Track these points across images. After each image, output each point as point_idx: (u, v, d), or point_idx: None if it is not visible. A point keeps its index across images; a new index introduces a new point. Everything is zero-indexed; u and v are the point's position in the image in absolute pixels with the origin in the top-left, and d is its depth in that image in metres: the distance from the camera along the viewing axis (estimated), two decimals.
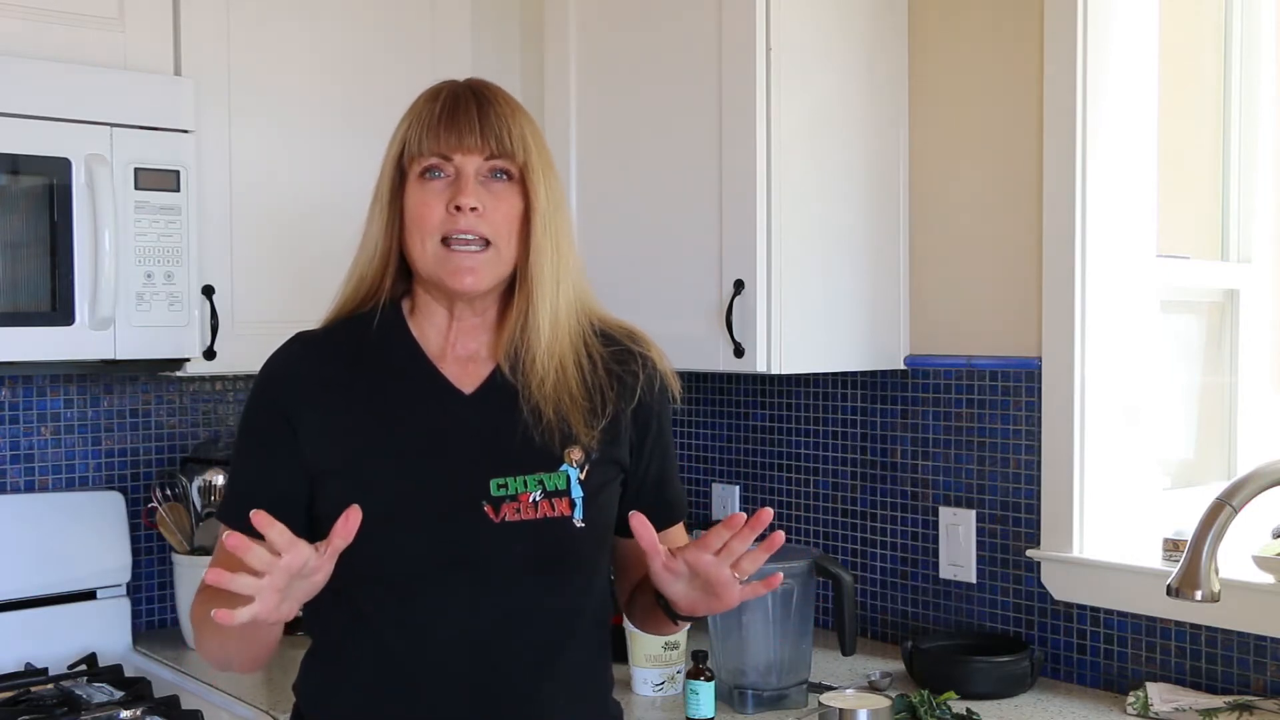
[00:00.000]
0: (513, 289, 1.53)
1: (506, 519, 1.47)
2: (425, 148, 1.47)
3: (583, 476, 1.50)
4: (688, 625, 1.54)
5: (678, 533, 1.66)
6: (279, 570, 1.26)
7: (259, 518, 1.25)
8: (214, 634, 1.46)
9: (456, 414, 1.51)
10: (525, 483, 1.48)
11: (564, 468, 1.50)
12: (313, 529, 1.52)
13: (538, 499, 1.48)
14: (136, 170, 2.20)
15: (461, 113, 1.47)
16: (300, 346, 1.56)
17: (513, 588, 1.48)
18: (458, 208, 1.45)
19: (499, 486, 1.47)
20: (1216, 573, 1.60)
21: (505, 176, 1.49)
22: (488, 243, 1.47)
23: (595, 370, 1.54)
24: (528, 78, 2.73)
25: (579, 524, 1.49)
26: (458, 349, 1.54)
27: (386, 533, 1.41)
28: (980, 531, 2.42)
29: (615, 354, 1.57)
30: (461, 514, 1.45)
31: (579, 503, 1.49)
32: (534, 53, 2.72)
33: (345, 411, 1.49)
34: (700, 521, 2.81)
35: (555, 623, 1.51)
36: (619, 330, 1.61)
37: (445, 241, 1.46)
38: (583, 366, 1.53)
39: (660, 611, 1.51)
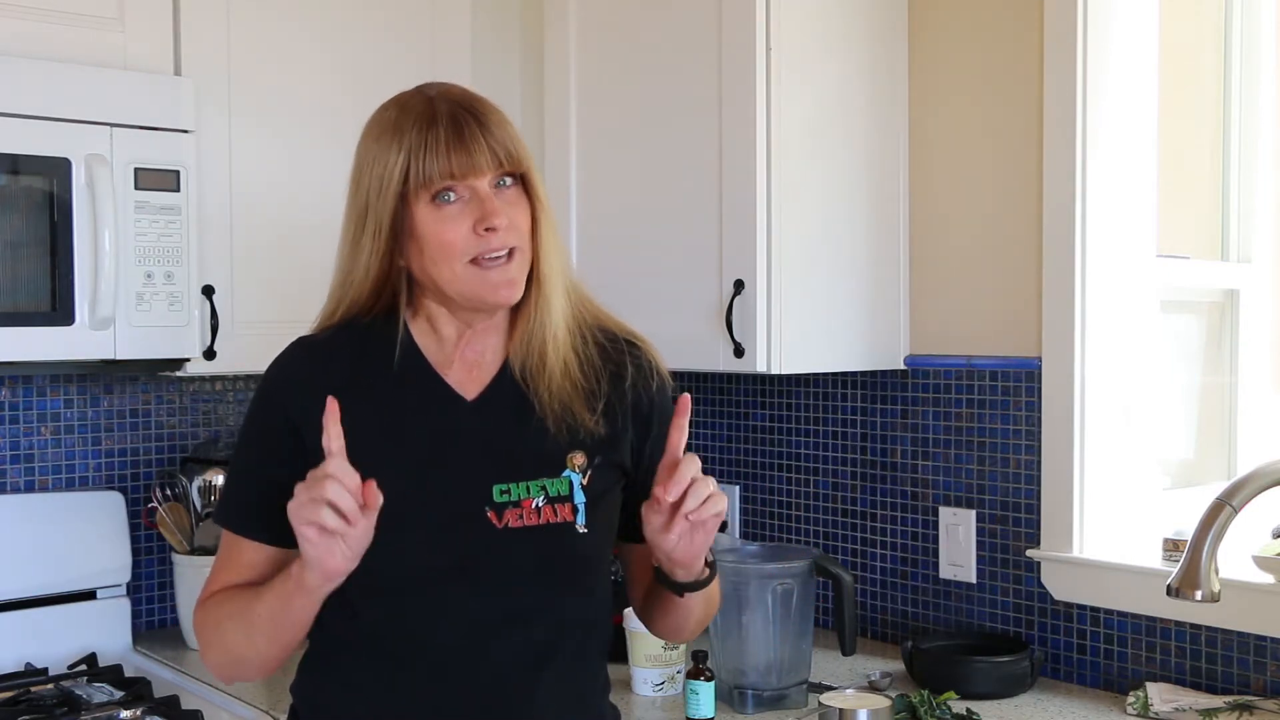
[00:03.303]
0: None
1: (509, 525, 1.47)
2: (436, 173, 1.44)
3: (585, 482, 1.50)
4: (695, 594, 1.52)
5: None
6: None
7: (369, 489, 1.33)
8: (238, 626, 1.46)
9: (459, 420, 1.51)
10: (528, 488, 1.48)
11: (566, 473, 1.49)
12: None
13: (540, 505, 1.48)
14: (136, 170, 2.20)
15: (468, 134, 1.45)
16: (303, 352, 1.56)
17: (514, 592, 1.48)
18: (488, 229, 1.44)
19: (502, 493, 1.47)
20: (1216, 573, 1.60)
21: (510, 181, 1.49)
22: (511, 251, 1.47)
23: (589, 352, 1.55)
24: (528, 78, 2.73)
25: (582, 529, 1.49)
26: (466, 354, 1.54)
27: (389, 539, 1.41)
28: (980, 531, 2.42)
29: (610, 343, 1.58)
30: (464, 520, 1.45)
31: (582, 508, 1.49)
32: (534, 53, 2.72)
33: (348, 418, 1.49)
34: None
35: (555, 626, 1.51)
36: (617, 329, 1.61)
37: (473, 261, 1.46)
38: (579, 353, 1.54)
39: (665, 591, 1.51)
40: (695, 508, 1.38)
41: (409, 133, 1.46)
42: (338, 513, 1.31)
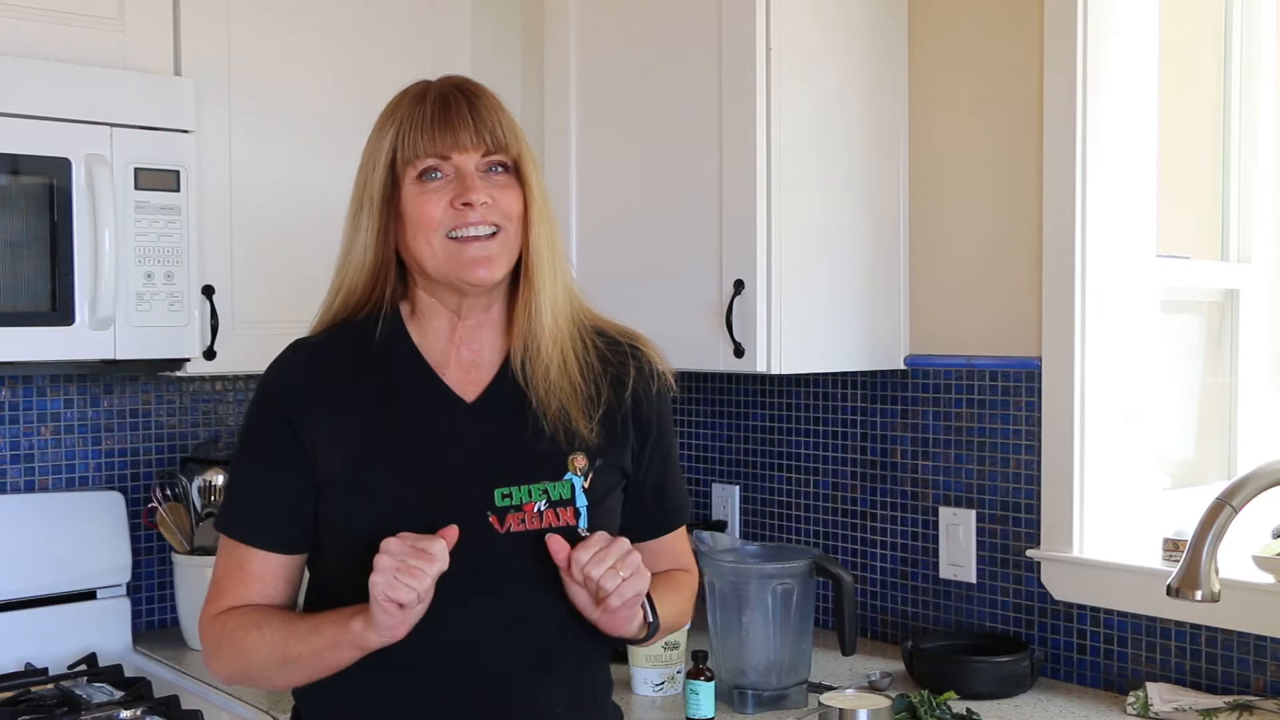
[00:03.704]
0: (514, 285, 1.53)
1: (512, 529, 1.47)
2: (421, 149, 1.46)
3: (587, 485, 1.50)
4: (642, 644, 1.55)
5: (677, 539, 1.65)
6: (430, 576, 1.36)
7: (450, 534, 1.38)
8: (270, 659, 1.46)
9: (458, 424, 1.50)
10: (530, 492, 1.48)
11: (568, 476, 1.49)
12: (316, 540, 1.51)
13: (542, 509, 1.48)
14: (136, 170, 2.20)
15: (454, 112, 1.47)
16: (301, 354, 1.55)
17: (517, 596, 1.48)
18: (466, 204, 1.45)
19: (504, 497, 1.47)
20: (1216, 573, 1.60)
21: (502, 169, 1.49)
22: (495, 230, 1.47)
23: (589, 357, 1.55)
24: (528, 79, 2.74)
25: (584, 533, 1.48)
26: (462, 353, 1.53)
27: None
28: (980, 531, 2.42)
29: (611, 348, 1.58)
30: (466, 524, 1.44)
31: (583, 511, 1.49)
32: (534, 54, 2.72)
33: (348, 421, 1.49)
34: (700, 523, 2.82)
35: (556, 629, 1.51)
36: (617, 330, 1.61)
37: (452, 237, 1.46)
38: (578, 354, 1.54)
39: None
40: (604, 584, 1.40)
41: (402, 111, 1.49)
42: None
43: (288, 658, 1.45)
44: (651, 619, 1.51)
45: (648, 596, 1.49)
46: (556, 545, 1.42)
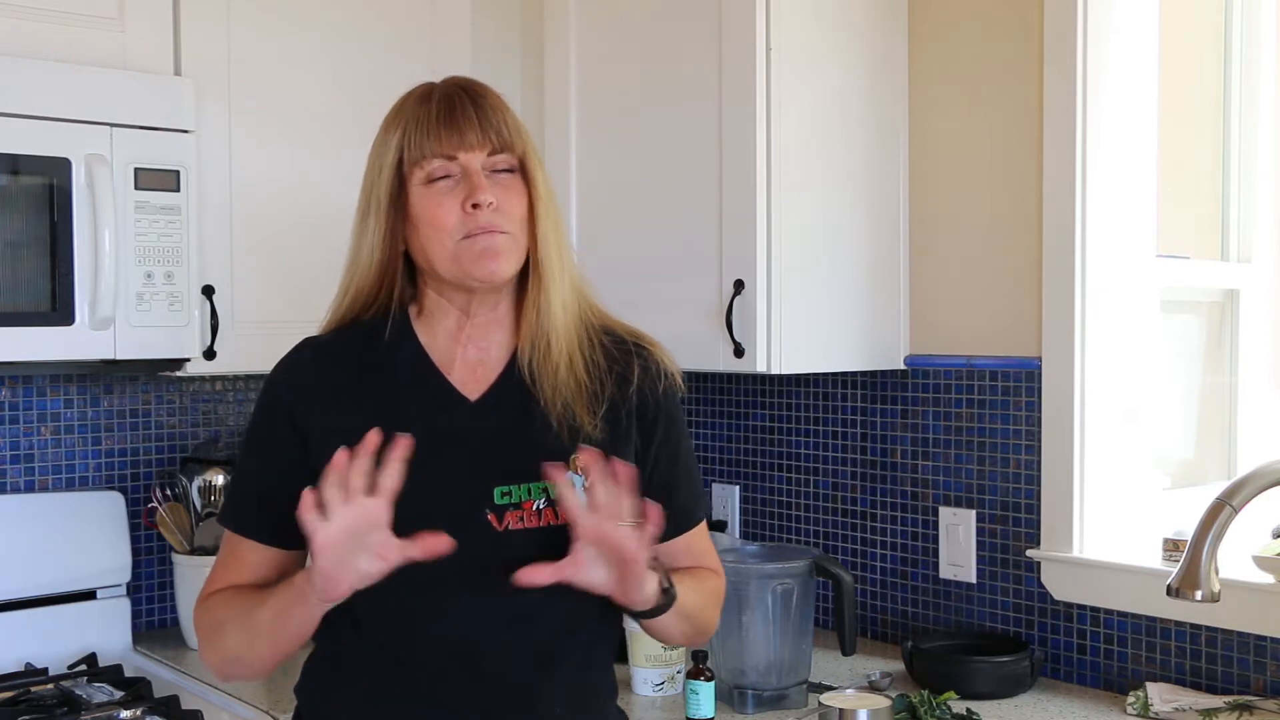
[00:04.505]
0: (522, 283, 1.53)
1: (510, 527, 1.46)
2: (428, 150, 1.46)
3: (589, 484, 1.49)
4: (664, 617, 1.52)
5: (695, 539, 1.63)
6: (356, 506, 1.32)
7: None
8: (239, 630, 1.47)
9: (461, 421, 1.51)
10: (529, 490, 1.47)
11: (569, 475, 1.49)
12: None
13: (542, 507, 1.48)
14: (136, 170, 2.20)
15: (459, 111, 1.48)
16: (308, 353, 1.56)
17: (515, 595, 1.47)
18: (474, 205, 1.45)
19: (503, 494, 1.47)
20: (1216, 573, 1.60)
21: (508, 170, 1.50)
22: (502, 233, 1.48)
23: (595, 355, 1.55)
24: (528, 79, 2.74)
25: None
26: (469, 351, 1.53)
27: None
28: (980, 531, 2.42)
29: (617, 346, 1.57)
30: (465, 522, 1.44)
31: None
32: (534, 54, 2.72)
33: (351, 419, 1.49)
34: None
35: (556, 630, 1.50)
36: (624, 330, 1.61)
37: (465, 239, 1.47)
38: (584, 352, 1.54)
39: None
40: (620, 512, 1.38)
41: (407, 112, 1.50)
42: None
43: (253, 628, 1.46)
44: (667, 584, 1.48)
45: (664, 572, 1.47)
46: (539, 574, 1.40)
